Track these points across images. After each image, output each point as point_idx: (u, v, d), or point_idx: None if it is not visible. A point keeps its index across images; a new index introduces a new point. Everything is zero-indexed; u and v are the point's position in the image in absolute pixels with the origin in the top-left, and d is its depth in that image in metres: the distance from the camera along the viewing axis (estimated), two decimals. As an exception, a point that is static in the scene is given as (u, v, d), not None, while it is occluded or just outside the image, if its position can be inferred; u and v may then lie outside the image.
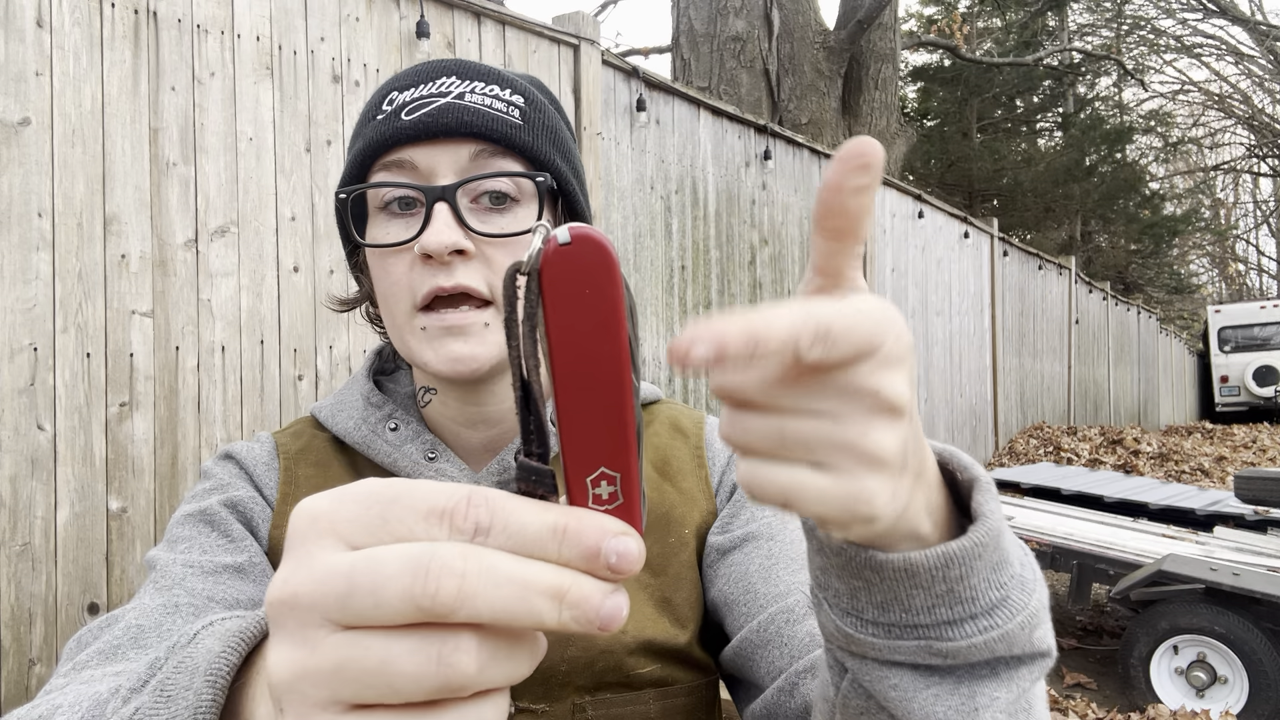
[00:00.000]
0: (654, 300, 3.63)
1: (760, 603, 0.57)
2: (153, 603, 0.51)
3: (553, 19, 3.26)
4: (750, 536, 0.61)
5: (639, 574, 0.59)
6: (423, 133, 0.56)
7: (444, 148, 0.56)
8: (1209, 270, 26.67)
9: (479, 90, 0.58)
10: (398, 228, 0.57)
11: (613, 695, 0.56)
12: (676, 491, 0.64)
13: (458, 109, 0.56)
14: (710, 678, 0.62)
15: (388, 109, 0.58)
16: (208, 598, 0.52)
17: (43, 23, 1.87)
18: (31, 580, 1.82)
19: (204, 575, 0.54)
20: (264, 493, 0.61)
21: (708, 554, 0.62)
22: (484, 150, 0.57)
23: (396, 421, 0.63)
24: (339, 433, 0.64)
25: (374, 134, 0.58)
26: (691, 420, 0.70)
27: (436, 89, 0.57)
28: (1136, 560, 3.00)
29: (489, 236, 0.57)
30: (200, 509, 0.59)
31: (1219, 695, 2.60)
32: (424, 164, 0.57)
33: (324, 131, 2.40)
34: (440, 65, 0.59)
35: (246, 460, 0.63)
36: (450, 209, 0.55)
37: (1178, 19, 18.43)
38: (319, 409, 0.66)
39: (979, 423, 7.35)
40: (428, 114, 0.56)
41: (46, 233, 1.86)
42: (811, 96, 7.39)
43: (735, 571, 0.60)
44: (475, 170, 0.57)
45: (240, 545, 0.57)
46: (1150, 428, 12.87)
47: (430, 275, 0.56)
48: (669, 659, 0.58)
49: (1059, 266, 9.62)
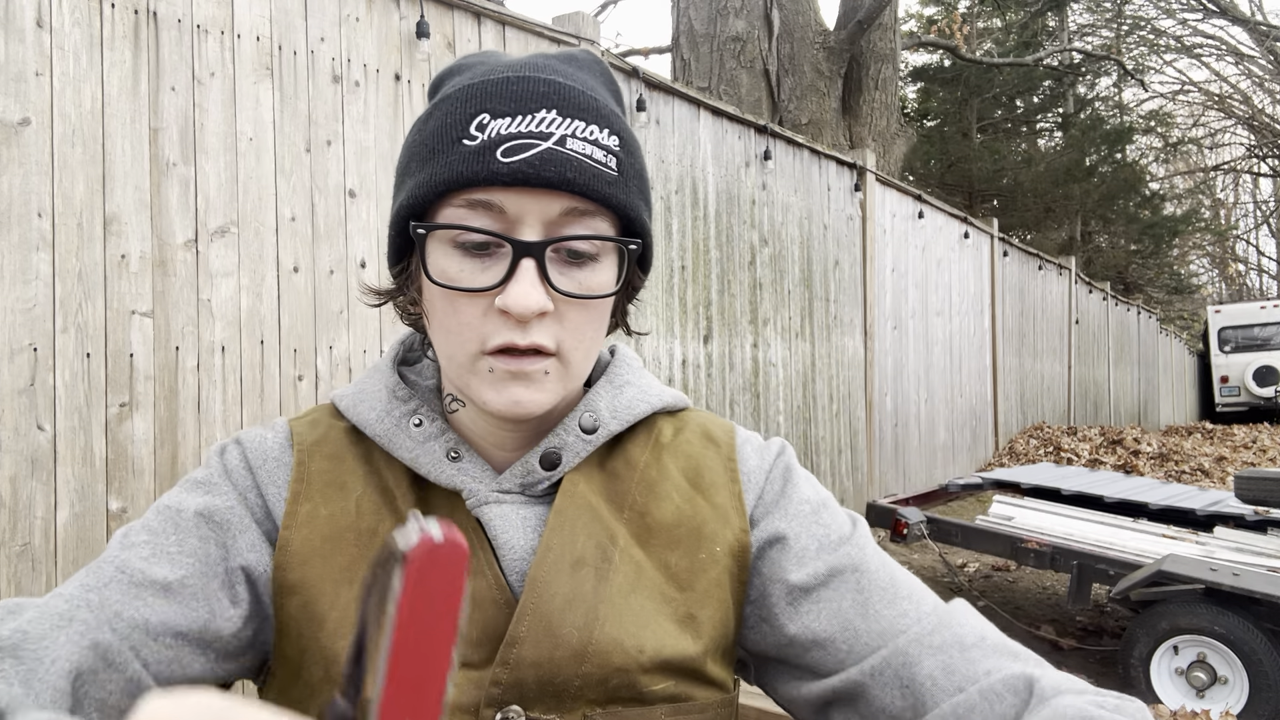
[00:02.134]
0: (654, 300, 3.62)
1: (865, 640, 0.57)
2: (56, 607, 0.49)
3: (553, 19, 3.26)
4: (836, 572, 0.60)
5: (664, 588, 0.59)
6: (521, 181, 0.52)
7: (537, 197, 0.53)
8: (1209, 270, 26.66)
9: (580, 134, 0.54)
10: (471, 268, 0.54)
11: (624, 709, 0.55)
12: (709, 506, 0.62)
13: (560, 160, 0.52)
14: (726, 696, 0.60)
15: (480, 136, 0.53)
16: (114, 613, 0.51)
17: (43, 23, 1.87)
18: (31, 580, 1.82)
19: (127, 587, 0.52)
20: (265, 491, 0.60)
21: (784, 591, 0.60)
22: (577, 207, 0.54)
23: (421, 417, 0.61)
24: (360, 424, 0.62)
25: (464, 167, 0.53)
26: (723, 430, 0.68)
27: (536, 126, 0.53)
28: (1136, 560, 3.00)
29: (573, 297, 0.54)
30: (177, 506, 0.57)
31: (1219, 695, 2.60)
32: (513, 210, 0.53)
33: (324, 131, 2.40)
34: (540, 93, 0.54)
35: (254, 453, 0.61)
36: (537, 266, 0.53)
37: (1178, 19, 18.43)
38: (339, 397, 0.64)
39: (979, 423, 7.35)
40: (528, 161, 0.52)
41: (46, 233, 1.86)
42: (811, 97, 7.39)
43: (827, 609, 0.58)
44: (565, 224, 0.54)
45: (184, 560, 0.55)
46: (1150, 428, 12.87)
47: (506, 329, 0.53)
48: (685, 676, 0.57)
49: (1059, 267, 9.62)
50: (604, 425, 0.62)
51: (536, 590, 0.55)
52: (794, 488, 0.64)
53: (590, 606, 0.56)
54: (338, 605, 0.56)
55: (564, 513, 0.59)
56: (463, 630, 0.28)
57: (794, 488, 0.64)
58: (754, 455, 0.66)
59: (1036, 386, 8.84)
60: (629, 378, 0.67)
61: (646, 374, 0.69)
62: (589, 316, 0.57)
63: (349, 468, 0.61)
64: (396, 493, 0.60)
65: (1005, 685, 0.50)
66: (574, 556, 0.57)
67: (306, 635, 0.56)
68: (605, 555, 0.58)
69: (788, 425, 4.62)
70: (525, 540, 0.58)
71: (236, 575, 0.56)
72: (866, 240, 5.42)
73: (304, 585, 0.56)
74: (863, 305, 5.41)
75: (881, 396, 5.62)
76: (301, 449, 0.61)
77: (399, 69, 2.61)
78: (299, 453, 0.61)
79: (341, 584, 0.57)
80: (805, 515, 0.62)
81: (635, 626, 0.56)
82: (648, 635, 0.56)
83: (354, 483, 0.60)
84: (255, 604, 0.57)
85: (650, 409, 0.65)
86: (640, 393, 0.66)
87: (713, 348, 4.03)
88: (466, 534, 0.58)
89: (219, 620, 0.54)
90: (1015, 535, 3.38)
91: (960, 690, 0.52)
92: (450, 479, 0.59)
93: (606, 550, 0.58)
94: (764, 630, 0.61)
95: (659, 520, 0.61)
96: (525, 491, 0.60)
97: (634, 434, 0.65)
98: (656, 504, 0.61)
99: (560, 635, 0.54)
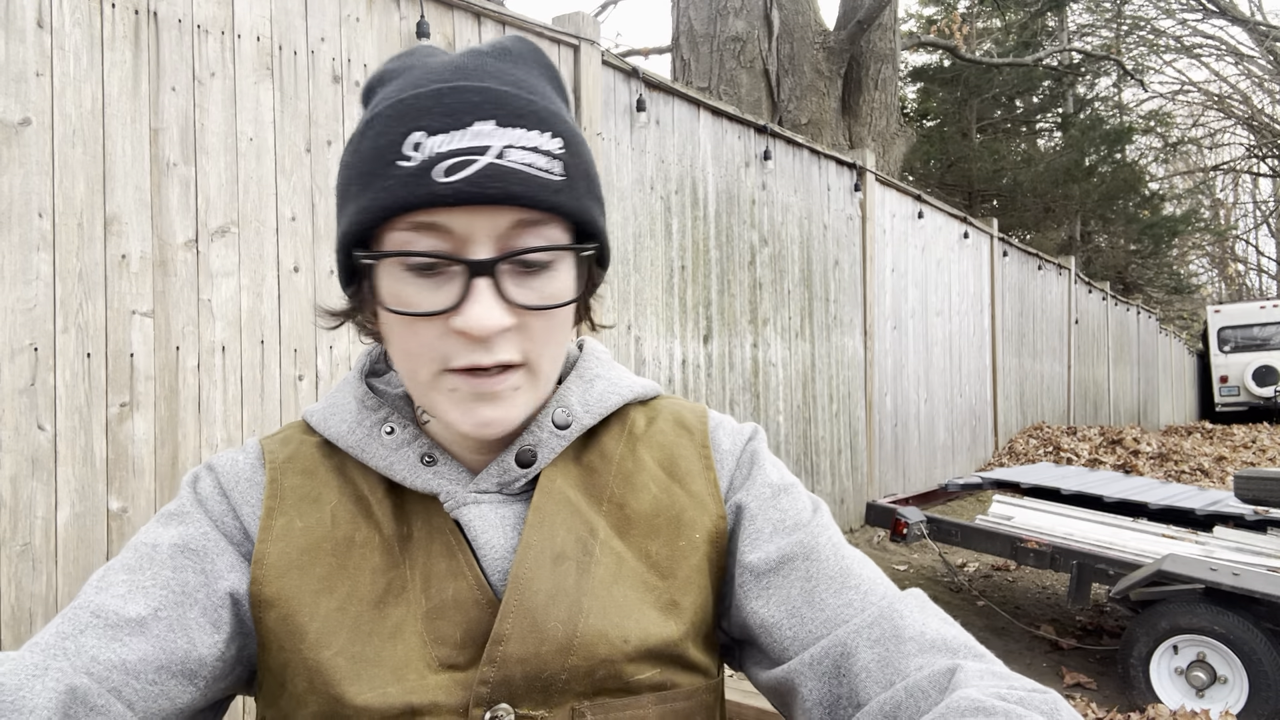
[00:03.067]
0: (654, 300, 3.63)
1: (809, 628, 0.57)
2: (30, 659, 0.48)
3: (553, 19, 3.26)
4: (787, 559, 0.60)
5: (646, 577, 0.59)
6: (464, 200, 0.50)
7: (484, 214, 0.51)
8: (1209, 270, 26.67)
9: (520, 144, 0.51)
10: (425, 290, 0.52)
11: (611, 699, 0.56)
12: (686, 494, 0.63)
13: (502, 174, 0.50)
14: (711, 682, 0.61)
15: (416, 157, 0.50)
16: (90, 658, 0.50)
17: (43, 23, 1.87)
18: (32, 580, 1.82)
19: (103, 630, 0.52)
20: (240, 512, 0.59)
21: (740, 573, 0.61)
22: (526, 218, 0.52)
23: (393, 425, 0.61)
24: (332, 437, 0.62)
25: (403, 191, 0.50)
26: (695, 415, 0.68)
27: (473, 140, 0.50)
28: (1136, 560, 3.00)
29: (534, 309, 0.53)
30: (152, 541, 0.57)
31: (1219, 695, 2.61)
32: (460, 229, 0.51)
33: (324, 132, 2.40)
34: (473, 103, 0.51)
35: (227, 477, 0.61)
36: (492, 284, 0.51)
37: (1178, 19, 18.43)
38: (310, 413, 0.64)
39: (979, 423, 7.35)
40: (469, 180, 0.49)
41: (47, 233, 1.86)
42: (811, 97, 7.39)
43: (776, 595, 0.59)
44: (515, 237, 0.52)
45: (158, 593, 0.54)
46: (1150, 428, 12.87)
47: (468, 350, 0.52)
48: (669, 663, 0.58)
49: (1059, 267, 9.62)
50: (577, 420, 0.62)
51: (519, 587, 0.56)
52: (760, 470, 0.65)
53: (573, 600, 0.56)
54: (317, 616, 0.56)
55: (542, 509, 0.59)
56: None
57: (760, 470, 0.65)
58: (726, 439, 0.67)
59: (1036, 386, 8.85)
60: (599, 371, 0.67)
61: (616, 366, 0.69)
62: (553, 324, 0.56)
63: (322, 480, 0.61)
64: (371, 500, 0.60)
65: (930, 682, 0.49)
66: (555, 551, 0.57)
67: (288, 648, 0.55)
68: (586, 548, 0.58)
69: (788, 425, 4.62)
70: (505, 539, 0.58)
71: (219, 600, 0.56)
72: (866, 240, 5.43)
73: (282, 598, 0.56)
74: (862, 305, 5.41)
75: (881, 396, 5.62)
76: (274, 466, 0.61)
77: (399, 69, 2.61)
78: (271, 470, 0.61)
79: (320, 594, 0.56)
80: (765, 498, 0.63)
81: (619, 617, 0.56)
82: (631, 625, 0.57)
83: (328, 495, 0.60)
84: (238, 624, 0.57)
85: (622, 400, 0.66)
86: (610, 385, 0.66)
87: (712, 348, 4.03)
88: (445, 536, 0.58)
89: (200, 648, 0.54)
90: (1015, 535, 3.38)
91: (891, 684, 0.51)
92: (426, 483, 0.59)
93: (587, 543, 0.59)
94: (731, 613, 0.62)
95: (638, 511, 0.61)
96: (502, 491, 0.60)
97: (608, 426, 0.65)
98: (634, 495, 0.62)
99: (545, 630, 0.55)
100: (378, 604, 0.56)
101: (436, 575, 0.57)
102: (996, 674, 0.49)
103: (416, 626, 0.55)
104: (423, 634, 0.55)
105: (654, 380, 3.73)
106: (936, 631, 0.54)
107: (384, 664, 0.54)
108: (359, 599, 0.56)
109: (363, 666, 0.54)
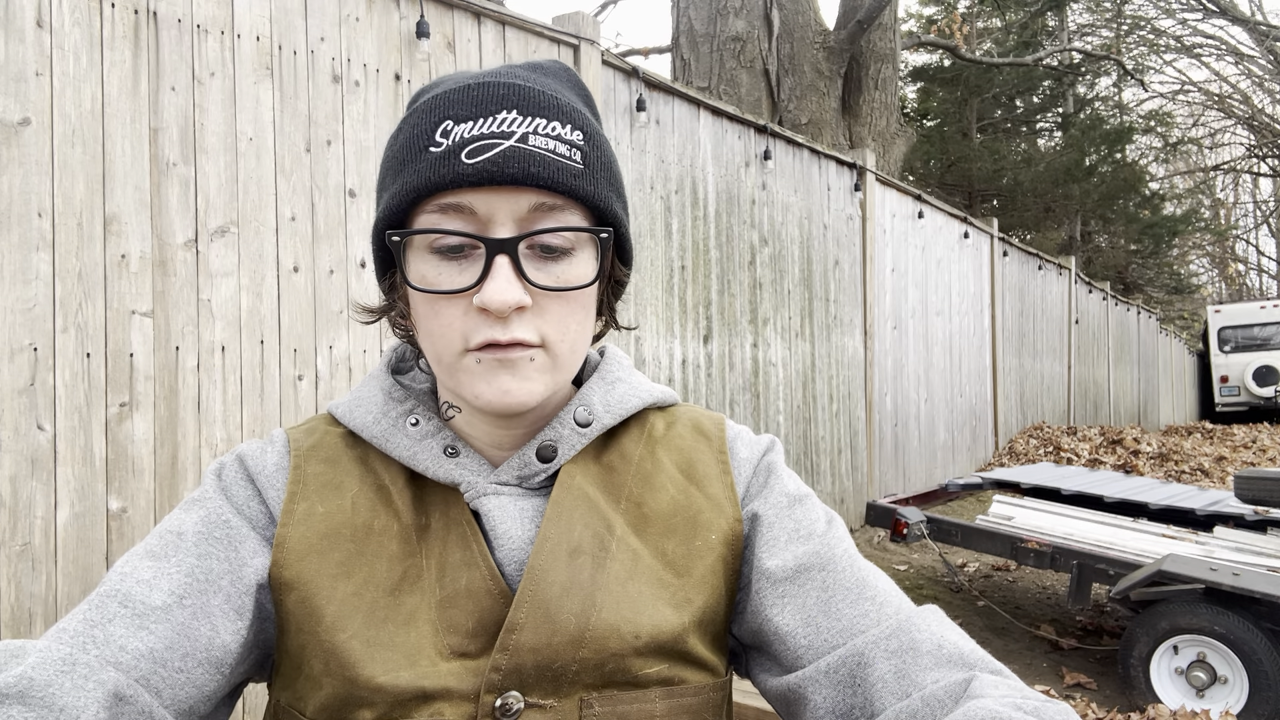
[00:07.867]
0: (654, 300, 3.62)
1: (825, 637, 0.57)
2: (59, 651, 0.48)
3: (553, 19, 3.26)
4: (804, 568, 0.61)
5: (661, 574, 0.60)
6: (486, 180, 0.54)
7: (505, 195, 0.55)
8: (1209, 270, 26.66)
9: (541, 131, 0.55)
10: (450, 272, 0.56)
11: (619, 692, 0.57)
12: (704, 496, 0.64)
13: (522, 156, 0.54)
14: (719, 680, 0.62)
15: (444, 143, 0.55)
16: (118, 648, 0.51)
17: (43, 23, 1.87)
18: (31, 580, 1.82)
19: (130, 619, 0.52)
20: (266, 495, 0.61)
21: (757, 578, 0.62)
22: (545, 202, 0.55)
23: (418, 416, 0.63)
24: (356, 427, 0.64)
25: (431, 173, 0.55)
26: (713, 423, 0.70)
27: (497, 126, 0.54)
28: (1136, 560, 3.00)
29: (550, 290, 0.56)
30: (177, 528, 0.58)
31: (1219, 695, 2.61)
32: (483, 210, 0.55)
33: (324, 131, 2.40)
34: (500, 95, 0.56)
35: (255, 466, 0.62)
36: (511, 262, 0.54)
37: (1178, 19, 18.43)
38: (336, 406, 0.66)
39: (979, 423, 7.35)
40: (491, 160, 0.53)
41: (46, 233, 1.86)
42: (811, 96, 7.39)
43: (792, 603, 0.60)
44: (536, 220, 0.56)
45: (184, 580, 0.55)
46: (1150, 428, 12.88)
47: (486, 326, 0.55)
48: (678, 660, 0.59)
49: (1059, 267, 9.62)
50: (598, 419, 0.64)
51: (535, 578, 0.57)
52: (777, 479, 0.67)
53: (588, 593, 0.57)
54: (334, 599, 0.57)
55: (561, 503, 0.60)
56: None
57: (777, 479, 0.67)
58: (744, 448, 0.68)
59: (1036, 386, 8.85)
60: (620, 374, 0.69)
61: (637, 372, 0.72)
62: (570, 309, 0.58)
63: (344, 469, 0.62)
64: (392, 490, 0.61)
65: (946, 693, 0.50)
66: (571, 545, 0.59)
67: (306, 630, 0.57)
68: (602, 544, 0.59)
69: (788, 425, 4.62)
70: (523, 531, 0.59)
71: (243, 586, 0.57)
72: (866, 240, 5.42)
73: (301, 581, 0.58)
74: (862, 305, 5.41)
75: (881, 396, 5.62)
76: (298, 453, 0.63)
77: (399, 69, 2.61)
78: (295, 457, 0.63)
79: (338, 579, 0.58)
80: (782, 506, 0.64)
81: (631, 612, 0.57)
82: (644, 620, 0.57)
83: (349, 483, 0.62)
84: (259, 609, 0.58)
85: (642, 403, 0.68)
86: (631, 388, 0.68)
87: (713, 347, 4.03)
88: (461, 528, 0.60)
89: (223, 635, 0.55)
90: (1015, 535, 3.38)
91: (907, 695, 0.52)
92: (448, 474, 0.61)
93: (604, 539, 0.60)
94: (744, 618, 0.63)
95: (655, 510, 0.63)
96: (522, 484, 0.62)
97: (627, 429, 0.67)
98: (652, 495, 0.63)
99: (558, 621, 0.56)
100: (393, 591, 0.57)
101: (451, 565, 0.58)
102: (1012, 687, 0.50)
103: (430, 614, 0.57)
104: (435, 622, 0.56)
105: (654, 380, 3.73)
106: (954, 645, 0.54)
107: (397, 649, 0.55)
108: (375, 585, 0.58)
109: (377, 650, 0.55)
